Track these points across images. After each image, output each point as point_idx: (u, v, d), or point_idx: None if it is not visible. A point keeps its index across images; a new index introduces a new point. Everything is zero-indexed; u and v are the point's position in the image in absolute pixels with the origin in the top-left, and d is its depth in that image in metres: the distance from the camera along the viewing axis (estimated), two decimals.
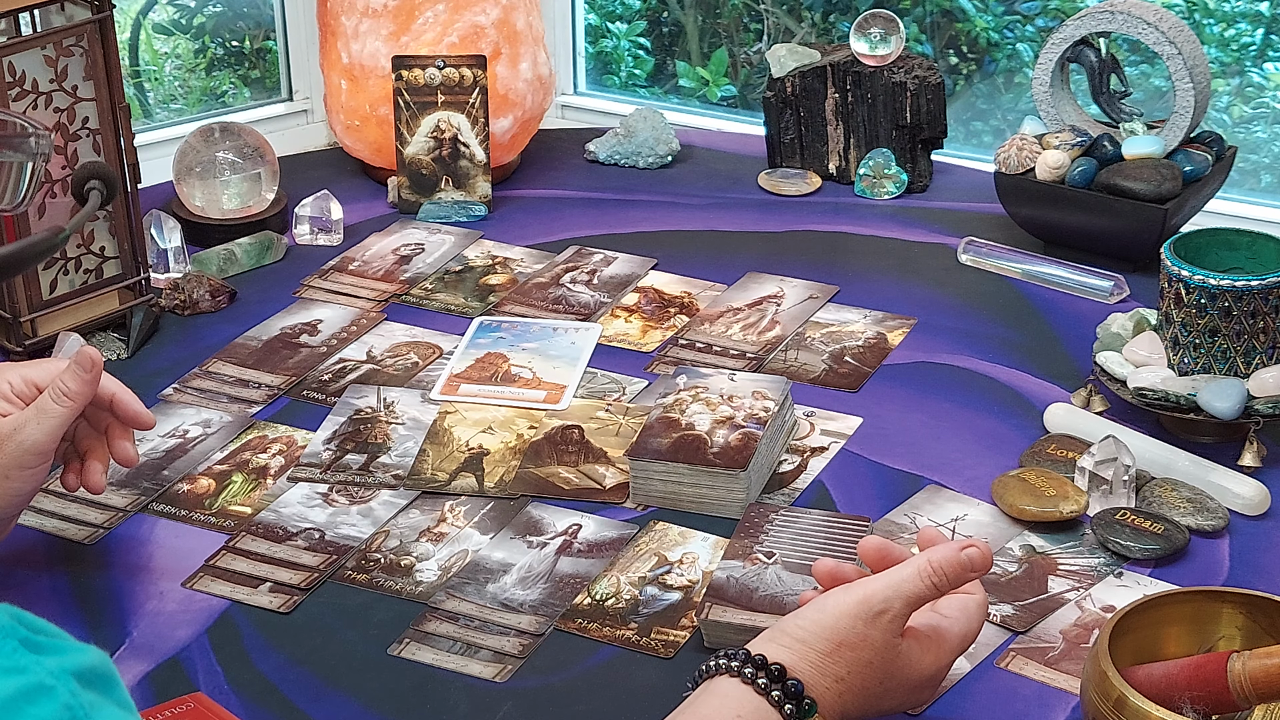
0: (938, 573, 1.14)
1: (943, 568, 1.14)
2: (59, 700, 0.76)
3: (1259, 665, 1.13)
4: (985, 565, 1.15)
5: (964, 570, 1.14)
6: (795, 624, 1.13)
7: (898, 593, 1.13)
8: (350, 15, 2.07)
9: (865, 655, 1.12)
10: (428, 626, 1.36)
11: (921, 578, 1.13)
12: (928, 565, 1.14)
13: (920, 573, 1.14)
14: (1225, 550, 1.44)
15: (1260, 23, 3.01)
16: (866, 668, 1.12)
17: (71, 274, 1.72)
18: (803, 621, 1.13)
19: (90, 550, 1.46)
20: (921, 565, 1.14)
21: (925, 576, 1.13)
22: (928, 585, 1.14)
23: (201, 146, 1.98)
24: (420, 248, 1.96)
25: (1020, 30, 3.19)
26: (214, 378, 1.71)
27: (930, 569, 1.14)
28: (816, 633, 1.12)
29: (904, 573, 1.14)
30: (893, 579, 1.14)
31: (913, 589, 1.13)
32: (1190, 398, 1.53)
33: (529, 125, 2.15)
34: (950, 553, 1.14)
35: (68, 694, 0.77)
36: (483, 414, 1.63)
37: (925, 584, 1.13)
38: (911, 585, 1.13)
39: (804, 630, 1.12)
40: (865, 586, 1.14)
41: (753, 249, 1.95)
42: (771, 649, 1.12)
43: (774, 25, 3.30)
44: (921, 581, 1.13)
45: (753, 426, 1.52)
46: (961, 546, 1.15)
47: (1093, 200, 1.85)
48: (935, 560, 1.14)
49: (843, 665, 1.11)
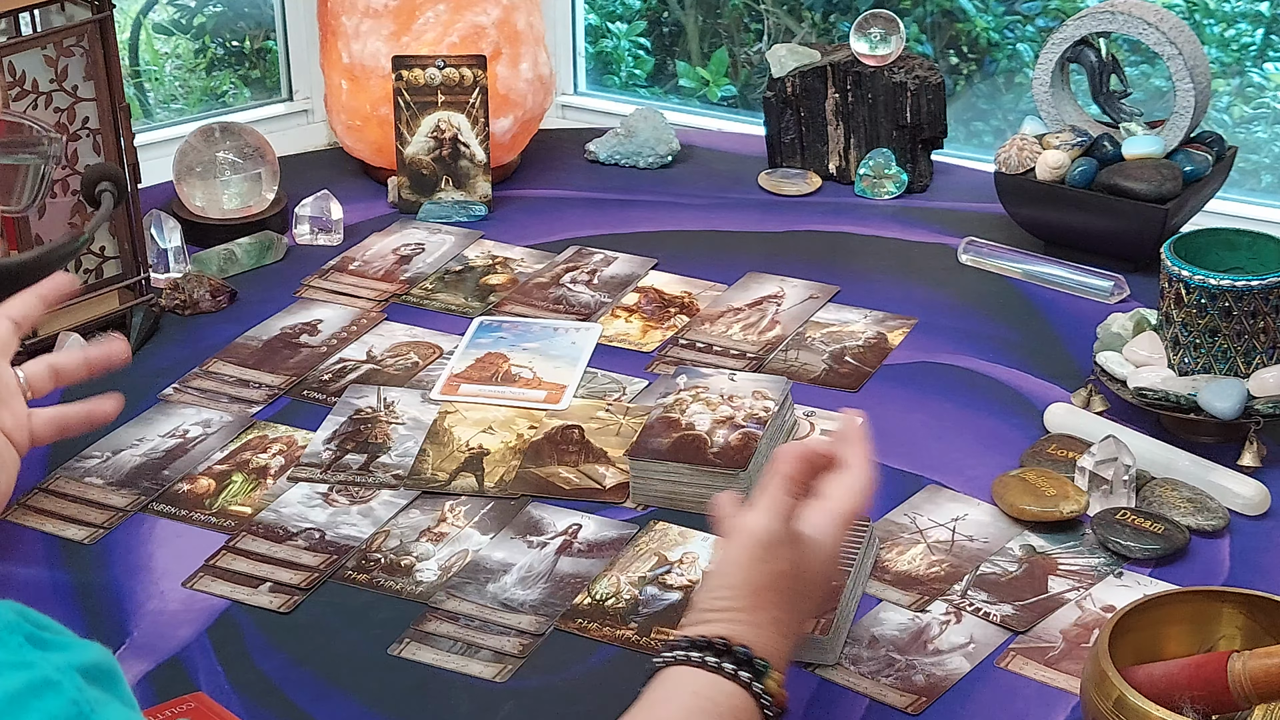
0: (787, 475, 1.17)
1: (789, 467, 1.17)
2: (65, 696, 0.76)
3: (1259, 665, 1.13)
4: (817, 440, 1.18)
5: (804, 456, 1.18)
6: (709, 597, 1.14)
7: (773, 514, 1.15)
8: (351, 15, 2.07)
9: (781, 583, 1.14)
10: (428, 626, 1.36)
11: (782, 489, 1.16)
12: (780, 476, 1.17)
13: (779, 486, 1.16)
14: (1225, 550, 1.44)
15: (1260, 23, 3.02)
16: (788, 593, 1.14)
17: (72, 274, 1.72)
18: (715, 592, 1.14)
19: (90, 550, 1.46)
20: (776, 479, 1.17)
21: (784, 488, 1.16)
22: (791, 492, 1.16)
23: (202, 146, 1.98)
24: (420, 248, 1.96)
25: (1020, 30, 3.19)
26: (214, 378, 1.71)
27: (783, 478, 1.17)
28: (732, 594, 1.13)
29: (769, 494, 1.16)
30: (761, 507, 1.16)
31: (781, 504, 1.15)
32: (1190, 398, 1.53)
33: (529, 125, 2.15)
34: (789, 450, 1.19)
35: (73, 689, 0.77)
36: (483, 414, 1.64)
37: (787, 492, 1.16)
38: (778, 502, 1.15)
39: (721, 599, 1.13)
40: (745, 528, 1.15)
41: (753, 249, 1.95)
42: (705, 630, 1.12)
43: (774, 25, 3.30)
44: (783, 492, 1.16)
45: (753, 426, 1.52)
46: (801, 442, 1.19)
47: (1093, 200, 1.85)
48: (782, 467, 1.17)
49: (770, 607, 1.13)
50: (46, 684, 0.76)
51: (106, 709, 0.78)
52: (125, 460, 1.58)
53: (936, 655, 1.32)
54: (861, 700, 1.28)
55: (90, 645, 0.80)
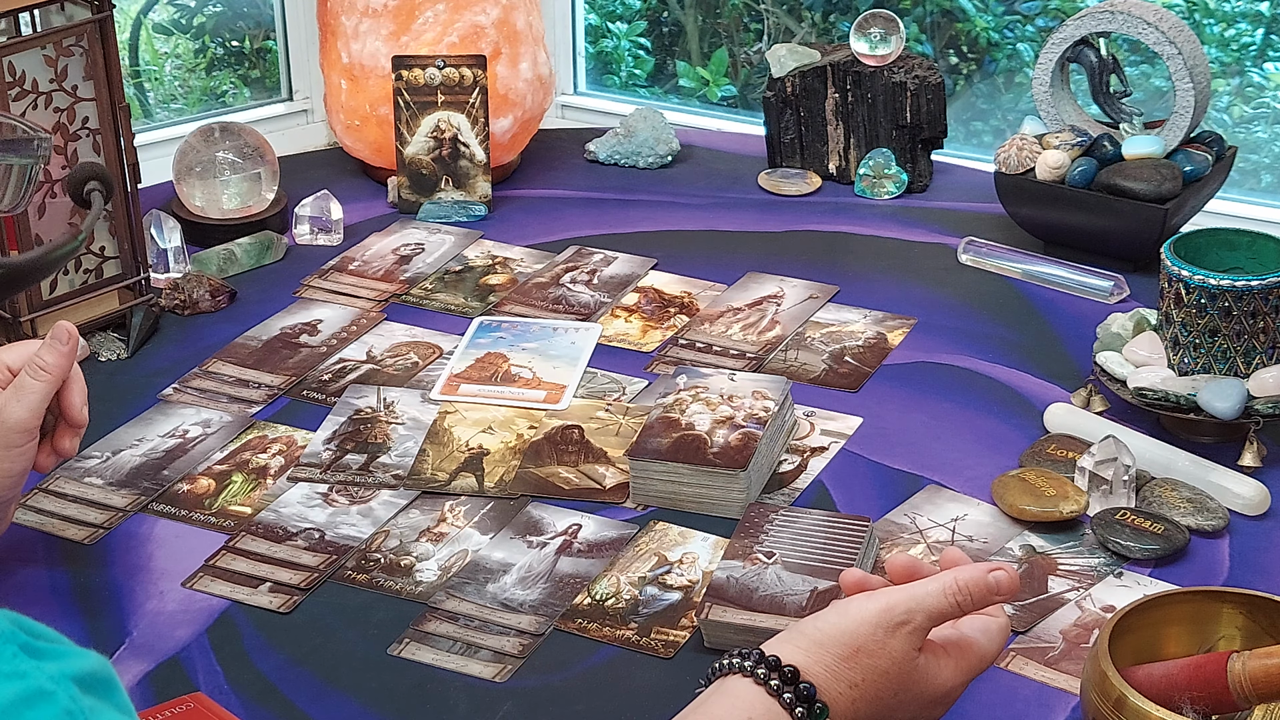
0: (963, 591, 1.12)
1: (968, 587, 1.12)
2: (59, 705, 0.76)
3: (1259, 665, 1.13)
4: (1012, 590, 1.14)
5: (989, 592, 1.13)
6: (814, 625, 1.12)
7: (920, 605, 1.12)
8: (350, 15, 2.07)
9: (882, 664, 1.11)
10: (428, 626, 1.36)
11: (946, 594, 1.12)
12: (954, 583, 1.12)
13: (945, 589, 1.12)
14: (1225, 550, 1.44)
15: (1260, 23, 3.01)
16: (882, 677, 1.11)
17: (71, 274, 1.72)
18: (822, 624, 1.12)
19: (90, 550, 1.46)
20: (947, 582, 1.12)
21: (950, 594, 1.12)
22: (951, 602, 1.12)
23: (201, 146, 1.98)
24: (420, 248, 1.96)
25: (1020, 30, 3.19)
26: (214, 378, 1.71)
27: (956, 587, 1.12)
28: (835, 636, 1.11)
29: (929, 587, 1.13)
30: (917, 591, 1.12)
31: (936, 604, 1.12)
32: (1190, 398, 1.53)
33: (529, 125, 2.15)
34: (978, 574, 1.13)
35: (67, 699, 0.77)
36: (483, 414, 1.63)
37: (949, 600, 1.12)
38: (935, 600, 1.12)
39: (822, 633, 1.11)
40: (889, 596, 1.13)
41: (753, 249, 1.95)
42: (787, 650, 1.11)
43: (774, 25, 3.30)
44: (946, 598, 1.12)
45: (753, 426, 1.52)
46: (989, 569, 1.13)
47: (1093, 200, 1.85)
48: (962, 579, 1.13)
49: (858, 671, 1.10)
50: (40, 694, 0.76)
51: (102, 718, 0.77)
52: (125, 460, 1.58)
53: None
54: None
55: (86, 653, 0.80)
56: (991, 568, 1.13)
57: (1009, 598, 1.14)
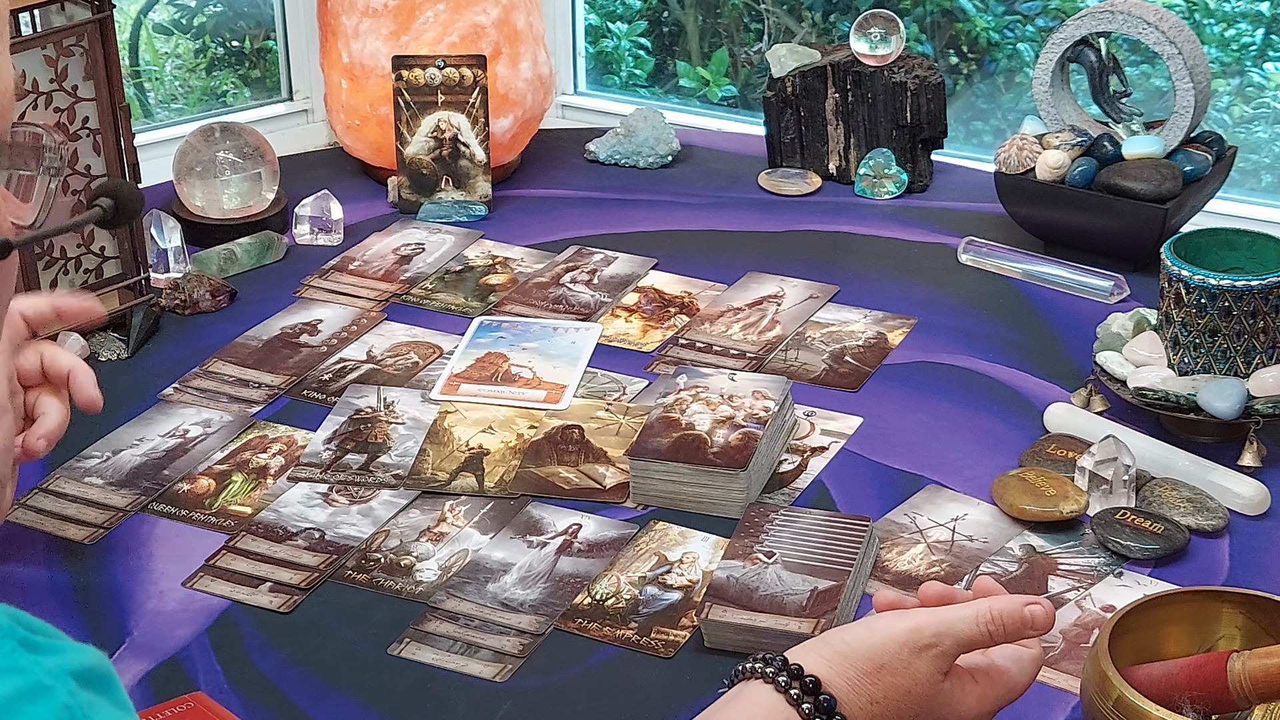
0: (995, 620, 1.11)
1: (1002, 617, 1.11)
2: (57, 700, 0.76)
3: (1259, 665, 1.13)
4: (1046, 625, 1.12)
5: (1023, 625, 1.11)
6: (841, 638, 1.11)
7: (950, 630, 1.10)
8: (350, 15, 2.07)
9: (905, 684, 1.09)
10: (428, 626, 1.36)
11: (979, 622, 1.11)
12: (987, 611, 1.11)
13: (978, 617, 1.11)
14: (1225, 550, 1.44)
15: (1260, 23, 3.01)
16: (904, 697, 1.09)
17: (71, 274, 1.72)
18: (849, 637, 1.10)
19: (90, 550, 1.46)
20: (980, 610, 1.11)
21: (982, 622, 1.11)
22: (983, 631, 1.11)
23: (202, 146, 1.98)
24: (420, 248, 1.96)
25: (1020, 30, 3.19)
26: (214, 378, 1.71)
27: (990, 615, 1.11)
28: (861, 651, 1.09)
29: (961, 613, 1.11)
30: (948, 616, 1.11)
31: (966, 630, 1.10)
32: (1190, 398, 1.53)
33: (529, 125, 2.15)
34: (1013, 605, 1.11)
35: (66, 694, 0.77)
36: (483, 414, 1.63)
37: (981, 629, 1.10)
38: (966, 627, 1.10)
39: (848, 646, 1.10)
40: (919, 616, 1.11)
41: (753, 249, 1.95)
42: (810, 659, 1.09)
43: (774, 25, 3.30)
44: (978, 626, 1.10)
45: (753, 426, 1.52)
46: (1026, 602, 1.12)
47: (1093, 200, 1.85)
48: (996, 608, 1.11)
49: (880, 689, 1.09)
50: (39, 689, 0.76)
51: (100, 713, 0.77)
52: (125, 460, 1.58)
53: None
54: None
55: (84, 649, 0.80)
56: (1028, 601, 1.11)
57: (1043, 633, 1.12)
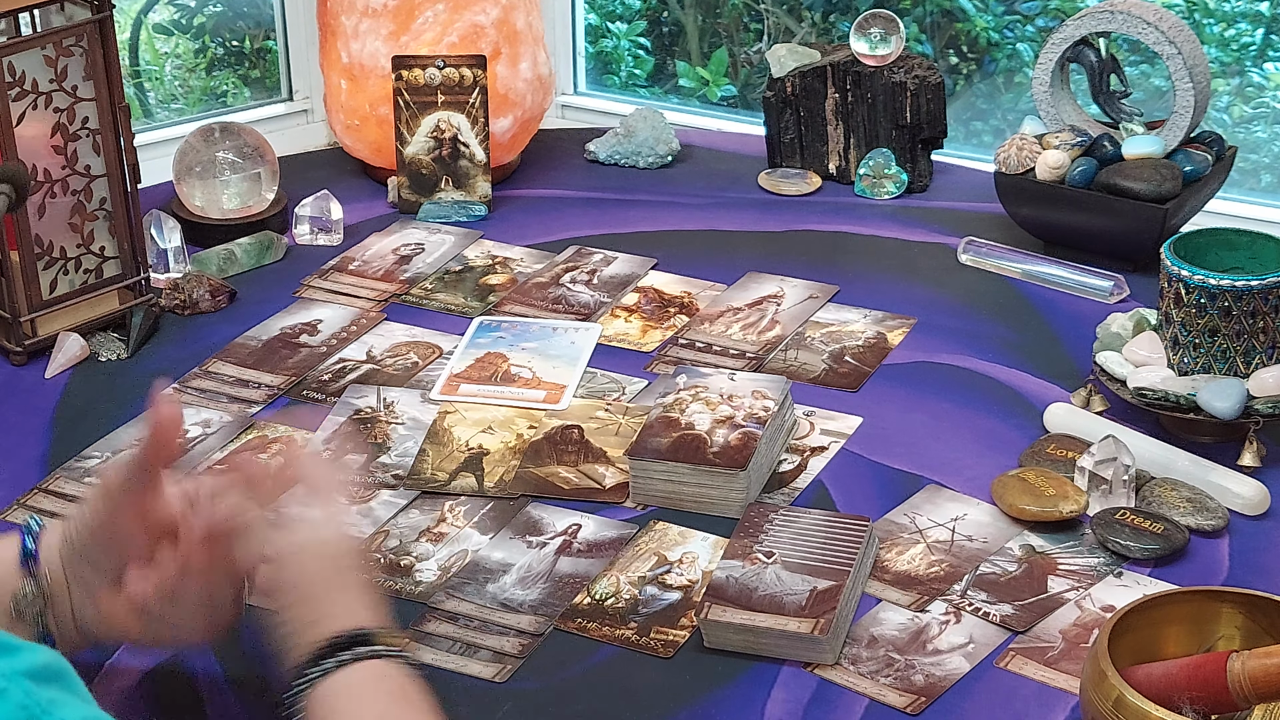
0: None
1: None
2: (12, 701, 0.76)
3: (1259, 665, 1.13)
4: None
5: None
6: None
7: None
8: (350, 15, 2.07)
9: (308, 571, 1.17)
10: (427, 626, 1.36)
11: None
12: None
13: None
14: (1225, 550, 1.44)
15: (1260, 23, 3.01)
16: (312, 574, 1.17)
17: (71, 274, 1.72)
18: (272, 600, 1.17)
19: None
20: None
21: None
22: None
23: (201, 146, 1.98)
24: (420, 248, 1.96)
25: (1020, 30, 3.19)
26: (214, 378, 1.71)
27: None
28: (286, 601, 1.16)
29: None
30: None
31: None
32: (1190, 398, 1.53)
33: (529, 125, 2.15)
34: None
35: (21, 694, 0.77)
36: (482, 414, 1.64)
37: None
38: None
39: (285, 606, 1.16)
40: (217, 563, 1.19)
41: (753, 249, 1.95)
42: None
43: (774, 25, 3.30)
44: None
45: (753, 426, 1.52)
46: None
47: (1093, 200, 1.85)
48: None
49: (317, 600, 1.15)
50: None
51: (64, 708, 0.78)
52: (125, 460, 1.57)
53: (936, 655, 1.32)
54: (861, 700, 1.28)
55: (36, 648, 0.80)
56: None
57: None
